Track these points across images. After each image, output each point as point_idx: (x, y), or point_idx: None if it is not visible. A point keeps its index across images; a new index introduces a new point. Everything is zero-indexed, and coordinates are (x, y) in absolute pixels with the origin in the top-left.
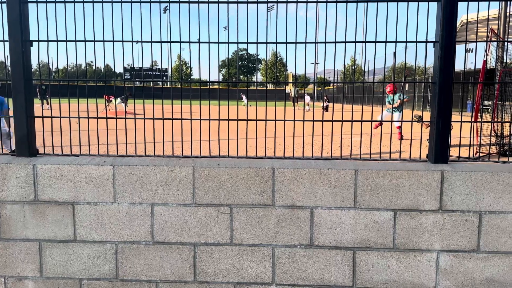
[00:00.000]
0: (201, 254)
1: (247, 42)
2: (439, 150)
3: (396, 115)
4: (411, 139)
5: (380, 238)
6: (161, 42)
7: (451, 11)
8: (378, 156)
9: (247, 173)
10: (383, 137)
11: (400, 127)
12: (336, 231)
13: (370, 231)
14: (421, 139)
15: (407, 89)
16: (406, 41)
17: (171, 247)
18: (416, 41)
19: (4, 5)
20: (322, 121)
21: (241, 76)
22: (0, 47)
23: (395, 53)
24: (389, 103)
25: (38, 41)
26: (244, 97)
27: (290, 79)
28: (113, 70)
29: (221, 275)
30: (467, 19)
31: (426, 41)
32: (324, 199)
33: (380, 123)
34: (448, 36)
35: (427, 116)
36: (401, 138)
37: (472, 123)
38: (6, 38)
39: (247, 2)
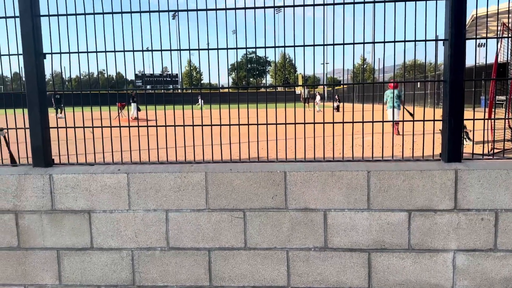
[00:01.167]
0: (216, 258)
1: (255, 47)
2: (452, 149)
3: (396, 112)
4: (423, 138)
5: (395, 239)
6: (170, 50)
7: (460, 8)
8: (390, 156)
9: (259, 177)
10: (395, 136)
11: (398, 123)
12: (350, 233)
13: (384, 232)
14: (433, 138)
15: (418, 86)
16: (415, 40)
17: (186, 252)
18: (425, 40)
19: (18, 19)
20: (333, 123)
21: (251, 79)
22: (14, 59)
23: (404, 52)
24: (390, 99)
25: (51, 53)
26: (200, 100)
27: (300, 80)
28: (124, 77)
29: (236, 279)
30: (476, 14)
31: (436, 40)
32: (337, 201)
33: (397, 124)
34: (457, 33)
35: (439, 113)
36: (398, 133)
37: (486, 119)
38: (20, 51)
39: (254, 8)
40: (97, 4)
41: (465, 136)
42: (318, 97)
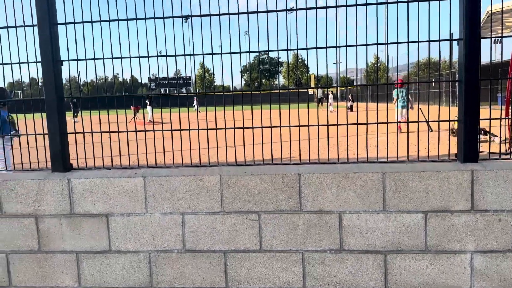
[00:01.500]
0: (231, 261)
1: (268, 51)
2: (468, 149)
3: (404, 110)
4: (438, 138)
5: (411, 240)
6: (184, 55)
7: (474, 7)
8: (405, 157)
9: (274, 180)
10: (410, 136)
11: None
12: (366, 235)
13: (400, 234)
14: (449, 138)
15: (433, 84)
16: (428, 41)
17: (202, 254)
18: (439, 40)
19: (36, 28)
20: (347, 124)
21: (263, 80)
22: (32, 66)
23: (418, 52)
24: (397, 97)
25: (68, 60)
26: (195, 103)
27: (312, 81)
28: (139, 81)
29: (252, 281)
30: (491, 10)
31: (450, 40)
32: (352, 203)
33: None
34: (471, 33)
35: (454, 112)
36: (401, 131)
37: (503, 118)
38: (38, 59)
39: (267, 12)
40: (111, 11)
41: (490, 136)
42: (331, 97)
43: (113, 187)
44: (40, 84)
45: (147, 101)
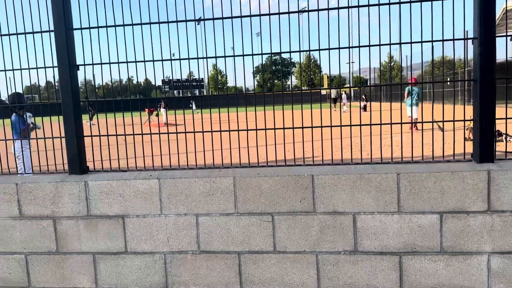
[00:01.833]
0: (246, 262)
1: (280, 52)
2: (484, 149)
3: (415, 109)
4: (454, 139)
5: (427, 241)
6: (197, 58)
7: (489, 6)
8: (420, 157)
9: (287, 181)
10: (424, 135)
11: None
12: (380, 237)
13: (416, 235)
14: (464, 137)
15: (448, 83)
16: (442, 40)
17: (217, 256)
18: (453, 39)
19: (52, 33)
20: (360, 125)
21: (276, 81)
22: (48, 71)
23: (432, 51)
24: (409, 94)
25: (84, 64)
26: (193, 104)
27: (325, 81)
28: (153, 83)
29: (266, 282)
30: (506, 7)
31: (464, 39)
32: (366, 204)
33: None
34: (486, 31)
35: (469, 111)
36: (417, 128)
37: None
38: (55, 63)
39: (279, 14)
40: (126, 16)
41: (506, 136)
42: (344, 97)
43: (128, 189)
44: (56, 87)
45: (161, 102)
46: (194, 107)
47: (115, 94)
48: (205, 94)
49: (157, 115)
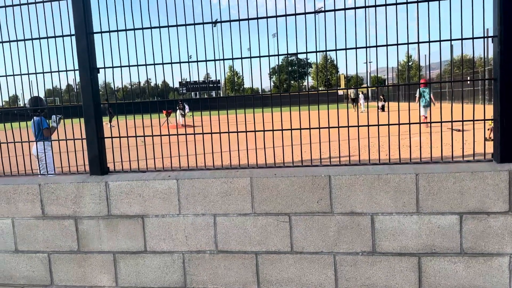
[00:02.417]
0: (263, 262)
1: (297, 53)
2: (505, 149)
3: (425, 110)
4: (473, 139)
5: (446, 243)
6: (214, 60)
7: (509, 2)
8: (439, 157)
9: (304, 182)
10: (443, 136)
11: (425, 118)
12: (399, 238)
13: (435, 236)
14: (484, 137)
15: (468, 82)
16: (461, 39)
17: (234, 255)
18: (473, 38)
19: (73, 37)
20: (378, 125)
21: (292, 82)
22: (69, 74)
23: (451, 50)
24: (421, 96)
25: (104, 67)
26: (186, 107)
27: (342, 81)
28: (171, 86)
29: (284, 283)
30: None
31: (484, 37)
32: (384, 205)
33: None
34: (507, 29)
35: (489, 110)
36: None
37: None
38: (76, 67)
39: (296, 14)
40: (144, 19)
41: None
42: (361, 97)
43: (148, 189)
44: (76, 90)
45: (180, 104)
46: (187, 110)
47: (134, 96)
48: (221, 95)
49: (183, 115)
